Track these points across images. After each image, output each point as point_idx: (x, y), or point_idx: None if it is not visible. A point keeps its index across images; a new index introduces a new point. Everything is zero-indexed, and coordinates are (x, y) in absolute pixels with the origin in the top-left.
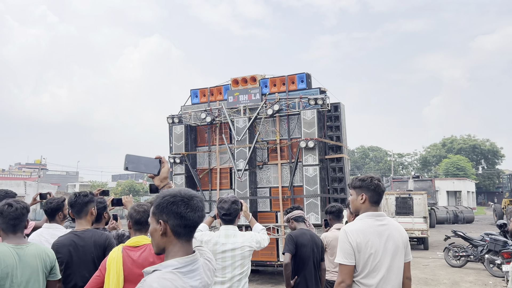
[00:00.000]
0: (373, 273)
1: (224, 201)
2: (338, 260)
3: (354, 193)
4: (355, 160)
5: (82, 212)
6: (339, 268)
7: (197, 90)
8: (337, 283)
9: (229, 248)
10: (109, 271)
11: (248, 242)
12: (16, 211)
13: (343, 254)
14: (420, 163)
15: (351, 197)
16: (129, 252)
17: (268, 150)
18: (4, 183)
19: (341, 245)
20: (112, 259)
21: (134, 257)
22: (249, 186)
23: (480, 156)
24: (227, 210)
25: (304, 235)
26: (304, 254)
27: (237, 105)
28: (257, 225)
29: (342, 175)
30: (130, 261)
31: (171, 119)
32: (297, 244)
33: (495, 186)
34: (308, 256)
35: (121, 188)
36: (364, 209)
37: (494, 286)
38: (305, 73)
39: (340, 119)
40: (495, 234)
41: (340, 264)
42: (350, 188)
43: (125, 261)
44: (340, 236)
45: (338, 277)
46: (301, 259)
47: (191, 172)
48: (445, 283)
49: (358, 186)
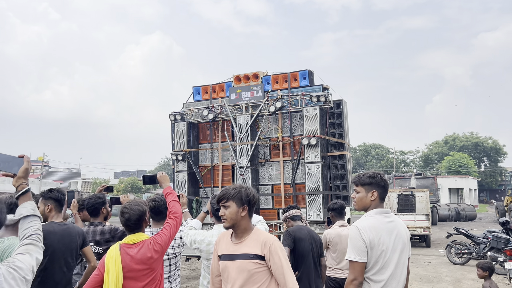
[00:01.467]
0: (383, 269)
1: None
2: (350, 257)
3: (363, 190)
4: (357, 157)
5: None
6: (350, 265)
7: (199, 87)
8: (349, 280)
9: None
10: (108, 269)
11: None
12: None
13: (356, 251)
14: (422, 161)
15: (359, 195)
16: (127, 249)
17: (270, 147)
18: (7, 180)
19: (353, 242)
20: (110, 257)
21: (132, 254)
22: (251, 183)
23: (483, 153)
24: None
25: (302, 230)
26: (303, 249)
27: (239, 102)
28: (254, 216)
29: (344, 173)
30: (128, 258)
31: (173, 116)
32: (295, 239)
33: (498, 184)
34: (308, 251)
35: (123, 185)
36: (374, 206)
37: (497, 283)
38: (308, 70)
39: (342, 116)
40: (498, 231)
41: (352, 261)
42: (357, 185)
43: (123, 258)
44: (352, 233)
45: (350, 275)
46: (300, 253)
47: (193, 169)
48: (447, 281)
49: (368, 183)
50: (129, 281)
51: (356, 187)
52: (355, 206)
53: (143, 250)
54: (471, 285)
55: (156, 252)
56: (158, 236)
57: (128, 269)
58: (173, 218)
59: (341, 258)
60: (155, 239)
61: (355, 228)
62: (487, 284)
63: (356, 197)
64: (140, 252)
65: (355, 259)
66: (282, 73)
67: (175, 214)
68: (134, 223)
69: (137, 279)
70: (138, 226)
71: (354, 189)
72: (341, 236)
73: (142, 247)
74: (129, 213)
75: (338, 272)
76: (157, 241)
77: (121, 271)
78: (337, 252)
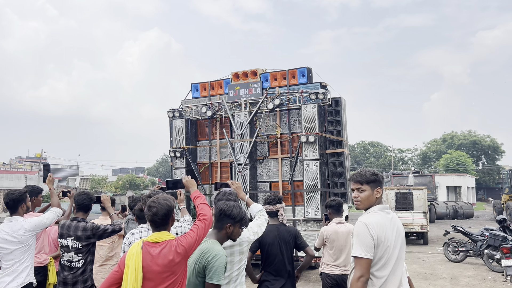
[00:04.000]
0: (385, 265)
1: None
2: (358, 254)
3: (368, 188)
4: (355, 155)
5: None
6: (357, 262)
7: (197, 84)
8: (356, 277)
9: (227, 245)
10: (128, 268)
11: (246, 237)
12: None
13: (364, 247)
14: (420, 159)
15: (365, 193)
16: (149, 248)
17: (269, 145)
18: (5, 176)
19: (361, 239)
20: (131, 255)
21: (153, 253)
22: (250, 180)
23: (481, 151)
24: None
25: (270, 233)
26: (270, 252)
27: (237, 99)
28: (253, 206)
29: (342, 170)
30: (149, 257)
31: (171, 113)
32: (261, 243)
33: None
34: (275, 254)
35: (121, 182)
36: (377, 203)
37: (493, 281)
38: (306, 67)
39: (341, 113)
40: (495, 229)
41: (358, 257)
42: (362, 183)
43: (144, 257)
44: (360, 229)
45: (357, 271)
46: (267, 256)
47: (192, 166)
48: (444, 278)
49: (373, 180)
50: (148, 282)
51: (361, 186)
52: (359, 206)
53: (165, 251)
54: (468, 283)
55: (179, 254)
56: (183, 237)
57: (148, 269)
58: (202, 220)
59: (338, 255)
60: (180, 241)
61: (362, 225)
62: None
63: (361, 196)
64: (162, 253)
65: (363, 256)
66: (281, 70)
67: (205, 217)
68: (161, 218)
69: (156, 281)
70: (165, 222)
71: (358, 188)
72: (338, 233)
73: (165, 248)
74: (156, 207)
75: (335, 268)
76: (181, 243)
77: (141, 271)
78: (334, 248)
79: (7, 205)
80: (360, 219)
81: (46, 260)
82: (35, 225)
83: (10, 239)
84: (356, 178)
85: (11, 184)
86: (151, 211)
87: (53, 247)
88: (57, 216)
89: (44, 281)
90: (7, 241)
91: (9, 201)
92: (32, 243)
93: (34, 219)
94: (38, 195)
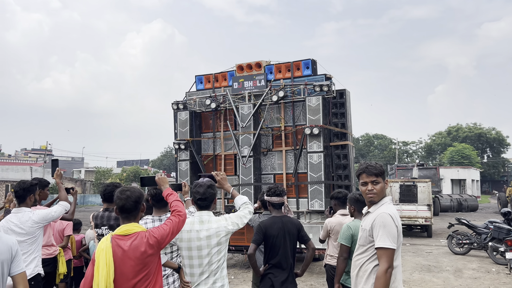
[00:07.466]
0: (399, 254)
1: (200, 185)
2: (386, 245)
3: (381, 180)
4: (359, 147)
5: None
6: (383, 253)
7: (202, 76)
8: (384, 269)
9: (204, 236)
10: (98, 263)
11: (224, 226)
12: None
13: (391, 238)
14: (425, 151)
15: (380, 185)
16: (119, 242)
17: (273, 137)
18: (10, 168)
19: (389, 230)
20: (101, 250)
21: (124, 247)
22: (254, 172)
23: (486, 144)
24: (202, 194)
25: (274, 225)
26: (274, 244)
27: (242, 92)
28: (238, 198)
29: (346, 162)
30: (120, 251)
31: (176, 105)
32: (265, 235)
33: (500, 175)
34: (279, 246)
35: (126, 174)
36: (386, 194)
37: (497, 273)
38: (311, 59)
39: (345, 106)
40: (499, 222)
41: (386, 248)
42: (377, 176)
43: (115, 251)
44: (387, 220)
45: (384, 263)
46: (271, 248)
47: (196, 158)
48: (448, 270)
49: (383, 172)
50: (120, 276)
51: (376, 178)
52: (375, 198)
53: (136, 243)
54: (471, 275)
55: (151, 246)
56: (156, 229)
57: (119, 263)
58: (177, 215)
59: None
60: (152, 232)
61: (387, 216)
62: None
63: (376, 188)
64: (133, 245)
65: (391, 246)
66: (285, 62)
67: (179, 213)
68: (133, 202)
69: (128, 275)
70: (135, 209)
71: (373, 180)
72: (342, 224)
73: (136, 240)
74: (130, 191)
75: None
76: (153, 234)
77: (112, 266)
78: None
79: (16, 194)
80: (383, 210)
81: (56, 251)
82: (42, 217)
83: (17, 230)
84: (372, 171)
85: (17, 175)
86: (124, 194)
87: (59, 238)
88: (65, 210)
89: (54, 272)
90: (15, 232)
91: (19, 189)
92: (40, 234)
93: (42, 211)
94: (45, 188)
